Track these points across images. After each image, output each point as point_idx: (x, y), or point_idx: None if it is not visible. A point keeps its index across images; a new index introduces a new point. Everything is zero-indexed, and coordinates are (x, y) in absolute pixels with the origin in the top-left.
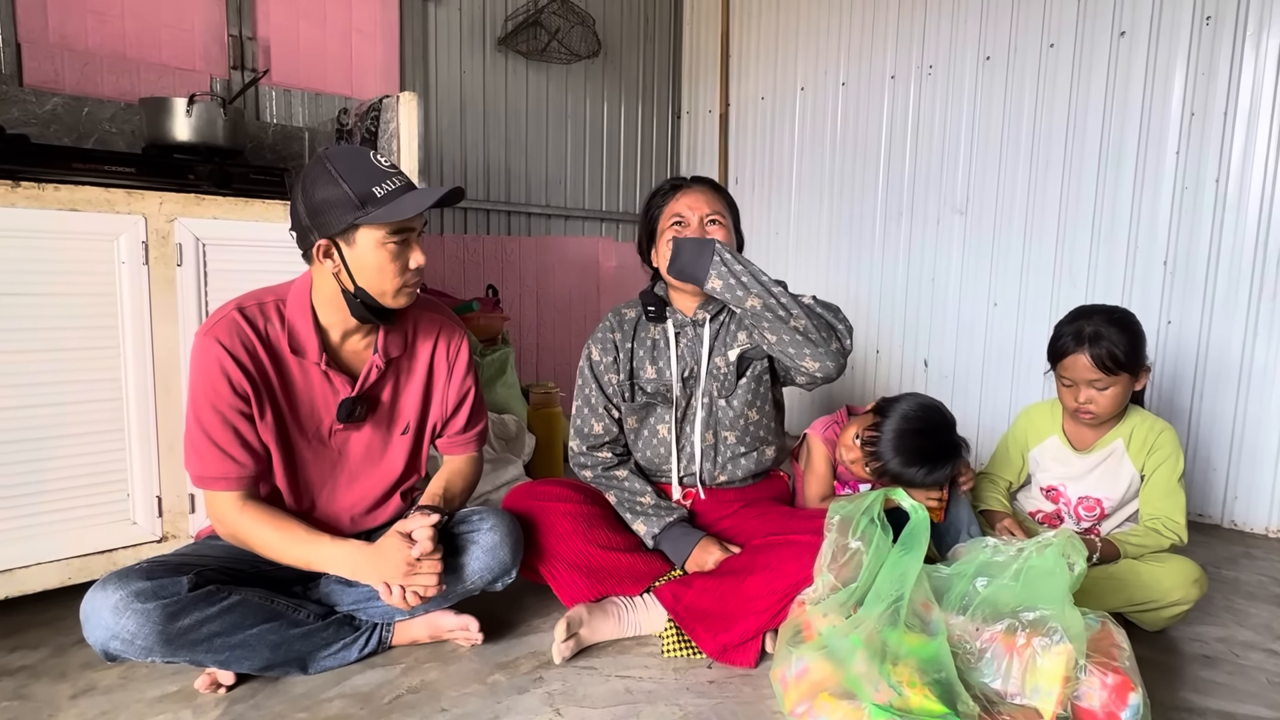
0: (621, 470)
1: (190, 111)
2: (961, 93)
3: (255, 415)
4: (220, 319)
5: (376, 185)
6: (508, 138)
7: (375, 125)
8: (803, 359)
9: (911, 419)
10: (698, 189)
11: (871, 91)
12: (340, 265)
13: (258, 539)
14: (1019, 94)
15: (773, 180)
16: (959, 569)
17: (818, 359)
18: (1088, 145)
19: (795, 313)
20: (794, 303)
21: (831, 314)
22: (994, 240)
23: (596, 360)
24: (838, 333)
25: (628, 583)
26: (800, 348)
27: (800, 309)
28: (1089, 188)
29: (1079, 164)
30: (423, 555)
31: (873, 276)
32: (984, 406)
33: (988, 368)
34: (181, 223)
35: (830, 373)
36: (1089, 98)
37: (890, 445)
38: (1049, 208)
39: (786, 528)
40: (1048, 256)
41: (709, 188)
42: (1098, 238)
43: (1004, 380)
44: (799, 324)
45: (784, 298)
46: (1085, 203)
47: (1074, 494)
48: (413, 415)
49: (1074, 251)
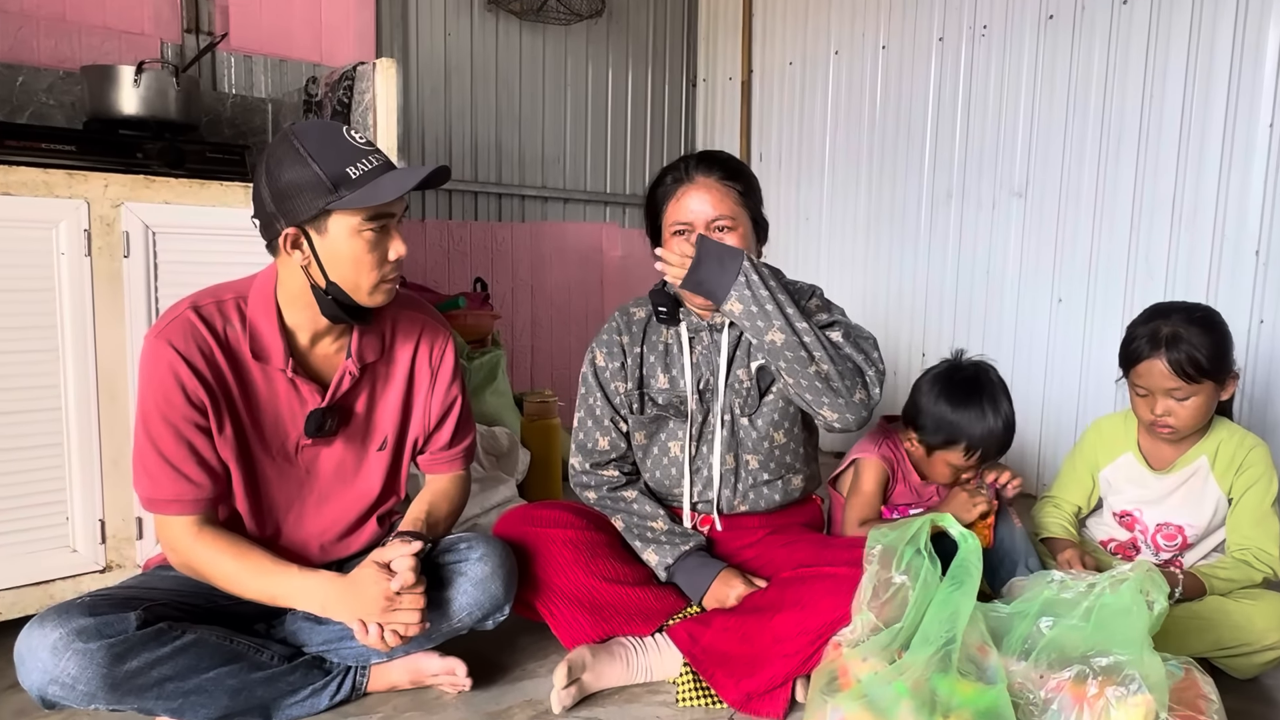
0: (630, 491)
1: (138, 81)
2: (1020, 57)
3: (213, 429)
4: (173, 319)
5: (351, 165)
6: (498, 110)
7: (349, 96)
8: (820, 407)
9: (949, 366)
10: (704, 182)
11: (916, 56)
12: (310, 257)
13: (215, 569)
14: (1087, 57)
15: (802, 158)
16: (1020, 607)
17: (837, 410)
18: (1167, 116)
19: (819, 355)
20: (820, 342)
21: (863, 355)
22: (1058, 227)
23: (601, 366)
24: (865, 380)
25: (637, 621)
26: (819, 395)
27: (826, 350)
28: (1168, 165)
29: (1156, 138)
30: (403, 588)
31: (917, 269)
32: (1046, 420)
33: (1051, 375)
34: (129, 208)
35: (849, 425)
36: (1168, 61)
37: (928, 391)
38: (1122, 189)
39: (820, 558)
40: (1120, 245)
41: (720, 176)
42: (1178, 224)
43: (1069, 390)
44: (822, 368)
45: (809, 335)
46: (1164, 183)
47: (1151, 520)
48: (391, 429)
49: (1151, 240)
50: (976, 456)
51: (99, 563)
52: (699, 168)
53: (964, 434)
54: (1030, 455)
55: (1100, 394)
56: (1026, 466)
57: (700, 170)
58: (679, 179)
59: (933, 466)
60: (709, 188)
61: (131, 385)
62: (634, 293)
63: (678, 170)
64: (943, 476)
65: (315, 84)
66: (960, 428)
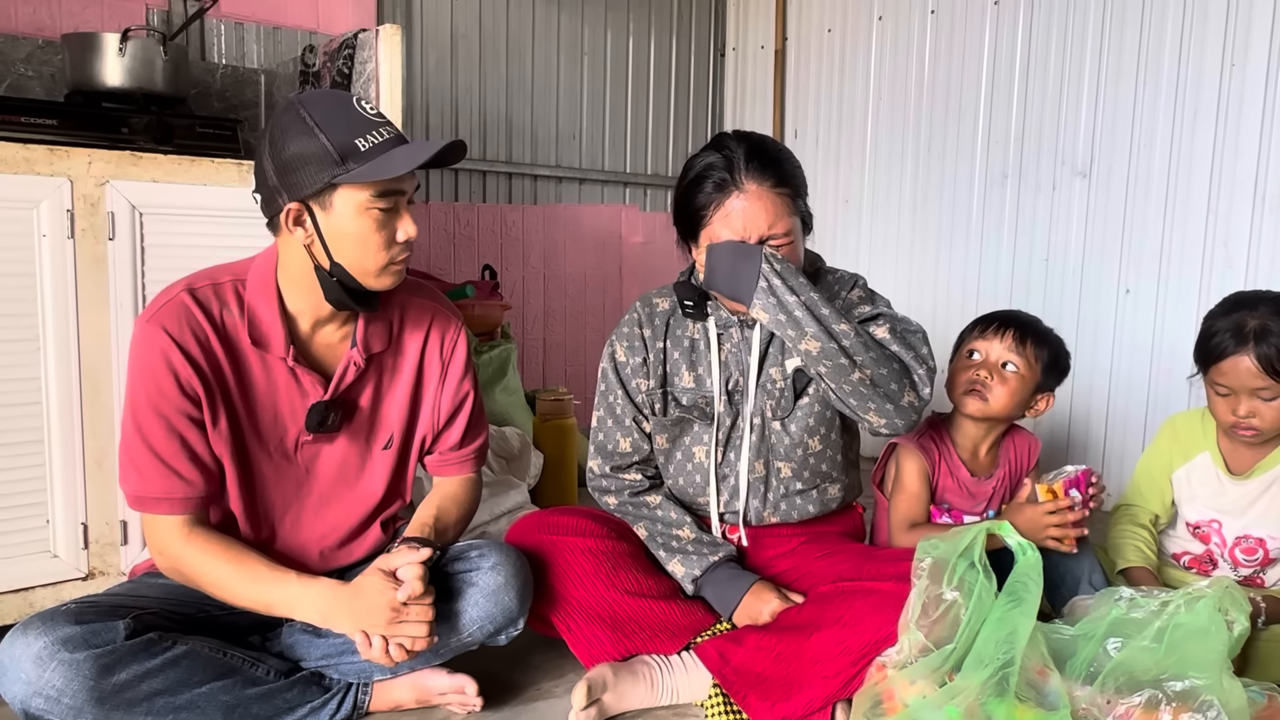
0: (653, 496)
1: (123, 50)
2: (1085, 20)
3: (207, 422)
4: (166, 303)
5: (360, 137)
6: (509, 82)
7: (349, 67)
8: (866, 413)
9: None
10: (756, 191)
11: (969, 20)
12: (313, 235)
13: (208, 575)
14: (1159, 20)
15: (841, 135)
16: (1085, 628)
17: (884, 415)
18: (1249, 85)
19: (861, 359)
20: (862, 344)
21: (911, 352)
22: (1126, 210)
23: (622, 361)
24: (914, 380)
25: (662, 638)
26: (864, 400)
27: (870, 354)
28: (1250, 141)
29: (1237, 110)
30: (410, 599)
31: (969, 257)
32: (1112, 424)
33: (1117, 373)
34: (114, 186)
35: (898, 430)
36: (1251, 23)
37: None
38: (1198, 167)
39: (862, 571)
40: (1196, 229)
41: (771, 181)
42: (1261, 205)
43: (1138, 390)
44: (866, 373)
45: (849, 338)
46: (1245, 161)
47: (1230, 532)
48: (397, 426)
49: (1231, 223)
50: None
51: (81, 569)
52: (749, 173)
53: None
54: (1094, 461)
55: (1172, 394)
56: None
57: (751, 175)
58: (723, 184)
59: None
60: (761, 198)
61: (117, 378)
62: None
63: (722, 170)
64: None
65: (312, 53)
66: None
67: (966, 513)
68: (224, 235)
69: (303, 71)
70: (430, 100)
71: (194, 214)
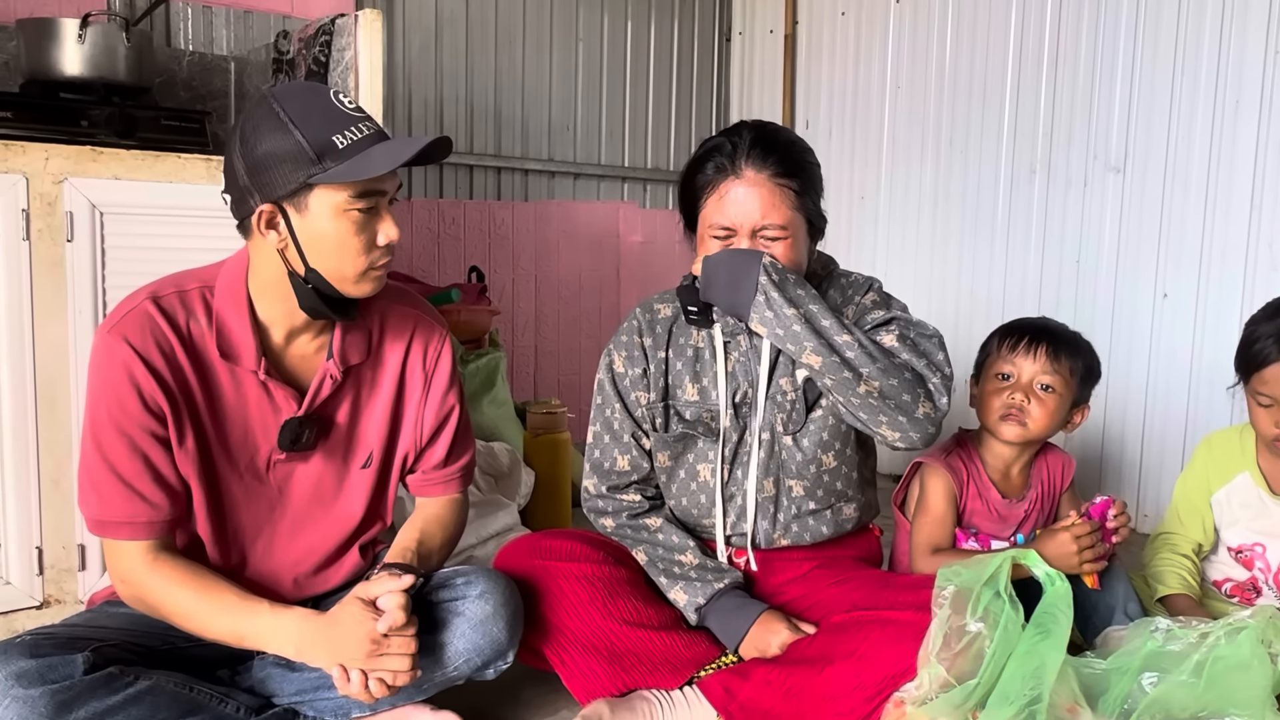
0: (654, 518)
1: (83, 36)
2: (1119, 2)
3: (173, 440)
4: (129, 312)
5: (338, 133)
6: (498, 69)
7: (326, 54)
8: (879, 427)
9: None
10: (754, 178)
11: (994, 2)
12: (287, 239)
13: (173, 605)
14: (1198, 2)
15: (856, 126)
16: (1119, 662)
17: (899, 429)
18: None
19: (868, 371)
20: (868, 355)
21: (924, 360)
22: (1163, 207)
23: (620, 372)
24: (929, 390)
25: (663, 671)
26: (875, 414)
27: (877, 364)
28: None
29: None
30: (392, 629)
31: (994, 258)
32: (1149, 438)
33: (1154, 383)
34: (73, 184)
35: (915, 444)
36: None
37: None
38: (1240, 162)
39: (879, 600)
40: (1238, 228)
41: (774, 173)
42: None
43: (1177, 401)
44: (873, 385)
45: (854, 349)
46: None
47: (1275, 556)
48: (377, 443)
49: (1276, 221)
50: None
51: (35, 597)
52: (750, 158)
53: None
54: (1130, 480)
55: (1214, 408)
56: (1126, 494)
57: (752, 162)
58: (723, 168)
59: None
60: (759, 185)
61: (74, 391)
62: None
63: (723, 154)
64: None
65: (286, 39)
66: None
67: (995, 537)
68: (191, 237)
69: (276, 59)
70: (413, 89)
71: (159, 214)
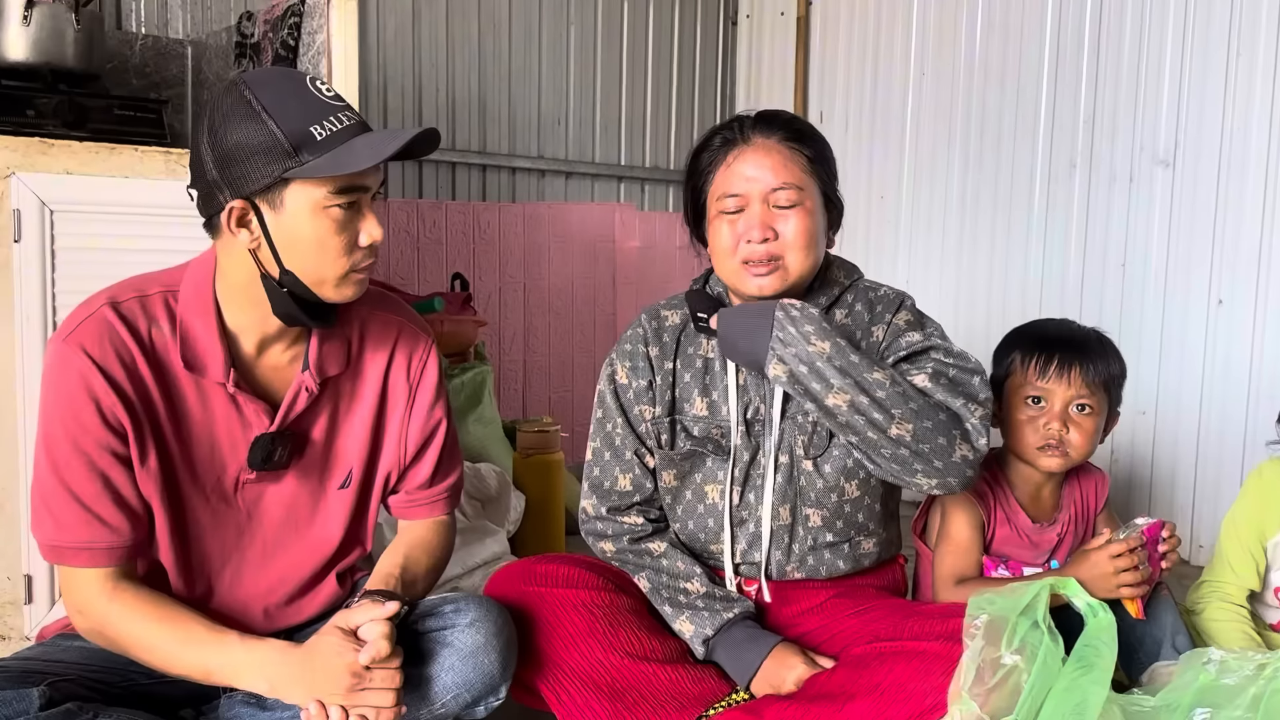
0: (657, 543)
1: (27, 18)
2: None
3: (134, 459)
4: (86, 319)
5: (316, 124)
6: (483, 57)
7: (295, 39)
8: (913, 476)
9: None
10: (763, 143)
11: None
12: (260, 238)
13: (135, 638)
14: None
15: (876, 117)
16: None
17: (934, 475)
18: None
19: (899, 413)
20: (901, 395)
21: (961, 399)
22: (1216, 206)
23: (624, 384)
24: (966, 431)
25: (668, 709)
26: (907, 464)
27: (909, 405)
28: None
29: None
30: (374, 662)
31: (1029, 263)
32: (1203, 461)
33: (1209, 398)
34: (20, 180)
35: (952, 489)
36: None
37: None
38: None
39: (904, 630)
40: None
41: (782, 137)
42: None
43: (1234, 419)
44: (904, 429)
45: (884, 389)
46: None
47: None
48: (357, 461)
49: None
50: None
51: None
52: (757, 127)
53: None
54: (1183, 507)
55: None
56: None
57: (759, 130)
58: (730, 140)
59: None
60: (769, 150)
61: (22, 404)
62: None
63: (729, 129)
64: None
65: (250, 21)
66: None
67: (1027, 564)
68: (150, 237)
69: (239, 43)
70: (388, 79)
71: (114, 212)
